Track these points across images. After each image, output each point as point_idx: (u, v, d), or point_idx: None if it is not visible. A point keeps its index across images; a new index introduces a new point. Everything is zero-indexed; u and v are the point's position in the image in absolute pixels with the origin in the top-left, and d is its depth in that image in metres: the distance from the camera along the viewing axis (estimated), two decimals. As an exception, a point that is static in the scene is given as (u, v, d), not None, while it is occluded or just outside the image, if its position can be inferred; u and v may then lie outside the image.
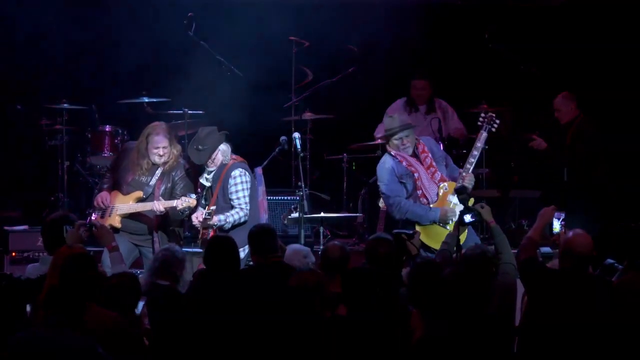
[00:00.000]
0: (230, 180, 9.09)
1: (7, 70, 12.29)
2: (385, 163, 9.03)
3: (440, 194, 8.86)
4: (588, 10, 12.35)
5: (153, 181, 9.17)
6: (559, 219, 7.81)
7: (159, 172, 9.20)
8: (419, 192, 8.87)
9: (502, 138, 11.69)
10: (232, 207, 9.08)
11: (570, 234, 6.94)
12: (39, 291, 6.23)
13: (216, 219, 8.96)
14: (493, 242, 7.64)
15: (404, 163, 8.90)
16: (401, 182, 8.93)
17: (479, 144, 8.93)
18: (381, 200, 9.83)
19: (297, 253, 7.71)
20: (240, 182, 9.12)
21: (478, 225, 8.45)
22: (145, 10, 12.28)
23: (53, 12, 12.34)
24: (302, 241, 9.39)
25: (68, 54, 12.49)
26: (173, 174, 9.18)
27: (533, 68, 11.78)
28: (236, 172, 9.12)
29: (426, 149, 8.98)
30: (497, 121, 8.97)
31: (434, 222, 8.81)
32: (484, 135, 8.96)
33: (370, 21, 12.58)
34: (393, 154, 8.98)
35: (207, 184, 9.26)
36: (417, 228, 8.74)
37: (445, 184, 8.86)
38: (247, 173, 9.20)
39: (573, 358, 6.65)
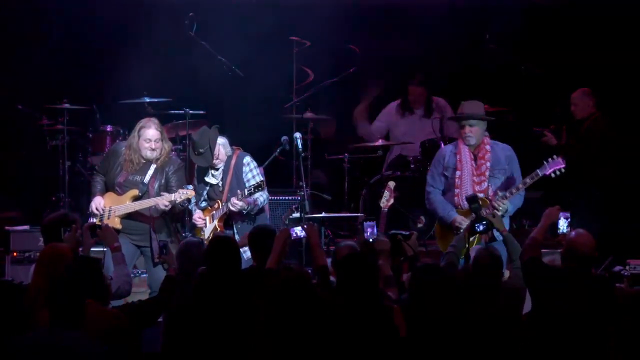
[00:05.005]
0: (244, 167, 9.22)
1: (8, 70, 12.29)
2: (444, 149, 9.05)
3: None
4: (587, 10, 12.37)
5: (147, 179, 9.17)
6: (566, 219, 7.76)
7: (152, 169, 9.19)
8: (456, 190, 8.80)
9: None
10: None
11: (573, 234, 6.97)
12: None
13: (257, 195, 8.98)
14: (507, 250, 7.63)
15: (458, 157, 8.81)
16: (444, 175, 8.87)
17: (529, 180, 8.61)
18: (382, 200, 9.86)
19: None
20: (254, 167, 9.28)
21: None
22: (146, 10, 12.29)
23: (54, 12, 12.36)
24: (303, 241, 9.41)
25: (69, 54, 12.49)
26: (166, 169, 9.18)
27: (534, 68, 11.79)
28: (247, 159, 9.28)
29: (487, 156, 8.77)
30: (563, 170, 8.60)
31: (446, 224, 8.80)
32: (539, 175, 8.61)
33: (370, 21, 12.60)
34: (457, 143, 8.89)
35: (214, 181, 9.28)
36: (438, 226, 8.86)
37: (483, 198, 8.64)
38: (254, 161, 9.36)
39: (574, 356, 6.66)
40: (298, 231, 7.62)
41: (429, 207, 8.97)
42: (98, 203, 9.19)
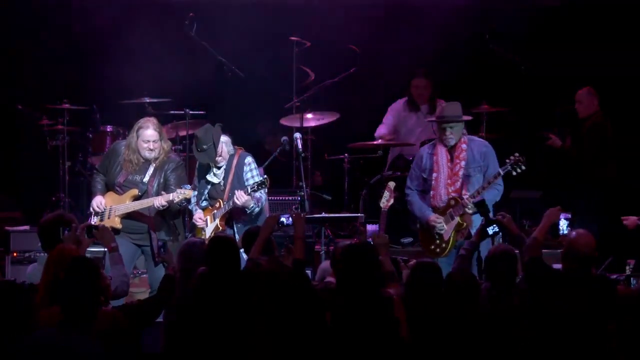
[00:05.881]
0: (245, 167, 9.27)
1: (8, 70, 12.29)
2: (421, 151, 9.15)
3: (446, 203, 8.83)
4: (587, 10, 12.39)
5: (146, 178, 9.15)
6: (567, 221, 7.78)
7: (151, 169, 9.18)
8: (432, 192, 8.90)
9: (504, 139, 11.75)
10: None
11: (573, 234, 6.97)
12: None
13: (258, 194, 9.04)
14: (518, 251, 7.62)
15: (435, 158, 8.90)
16: (422, 176, 8.97)
17: (492, 179, 8.71)
18: (382, 200, 9.86)
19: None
20: (254, 168, 9.34)
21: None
22: (146, 10, 12.30)
23: (54, 11, 12.37)
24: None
25: (69, 54, 12.50)
26: (165, 168, 9.16)
27: (534, 68, 11.79)
28: (249, 159, 9.34)
29: (463, 155, 8.86)
30: (524, 167, 8.69)
31: (423, 223, 8.91)
32: (501, 174, 8.71)
33: (371, 21, 12.60)
34: (435, 144, 8.98)
35: (216, 180, 9.30)
36: (420, 227, 8.93)
37: (457, 197, 8.77)
38: (255, 161, 9.43)
39: (575, 356, 6.66)
40: (285, 218, 7.65)
41: (409, 209, 9.10)
42: (99, 202, 9.18)
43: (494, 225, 7.86)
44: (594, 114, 10.89)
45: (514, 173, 8.70)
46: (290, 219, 7.63)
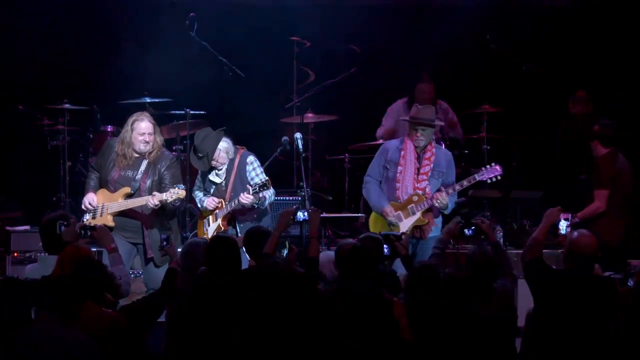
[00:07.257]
0: (247, 166, 9.29)
1: (9, 70, 12.29)
2: (389, 144, 9.31)
3: (407, 198, 8.96)
4: (589, 10, 12.40)
5: (139, 175, 9.11)
6: (567, 221, 7.78)
7: (144, 165, 9.13)
8: (397, 184, 9.04)
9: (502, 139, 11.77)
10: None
11: (575, 234, 6.96)
12: (42, 293, 6.26)
13: (265, 193, 9.06)
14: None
15: (402, 153, 9.06)
16: (385, 167, 9.11)
17: (466, 183, 8.96)
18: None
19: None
20: (257, 166, 9.36)
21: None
22: (147, 10, 12.31)
23: (55, 12, 12.37)
24: (304, 241, 9.41)
25: (70, 54, 12.50)
26: (159, 166, 9.11)
27: (535, 68, 11.80)
28: (251, 158, 9.35)
29: (432, 159, 9.06)
30: (499, 178, 8.95)
31: (377, 212, 9.04)
32: (476, 180, 8.95)
33: (371, 22, 12.61)
34: (405, 139, 9.13)
35: (218, 180, 9.31)
36: (373, 213, 9.14)
37: (420, 194, 8.94)
38: (257, 160, 9.43)
39: (576, 357, 6.67)
40: (302, 214, 7.68)
41: (364, 194, 9.31)
42: (91, 199, 9.14)
43: (474, 228, 7.82)
44: (576, 114, 11.01)
45: (489, 181, 8.96)
46: (307, 214, 7.64)
